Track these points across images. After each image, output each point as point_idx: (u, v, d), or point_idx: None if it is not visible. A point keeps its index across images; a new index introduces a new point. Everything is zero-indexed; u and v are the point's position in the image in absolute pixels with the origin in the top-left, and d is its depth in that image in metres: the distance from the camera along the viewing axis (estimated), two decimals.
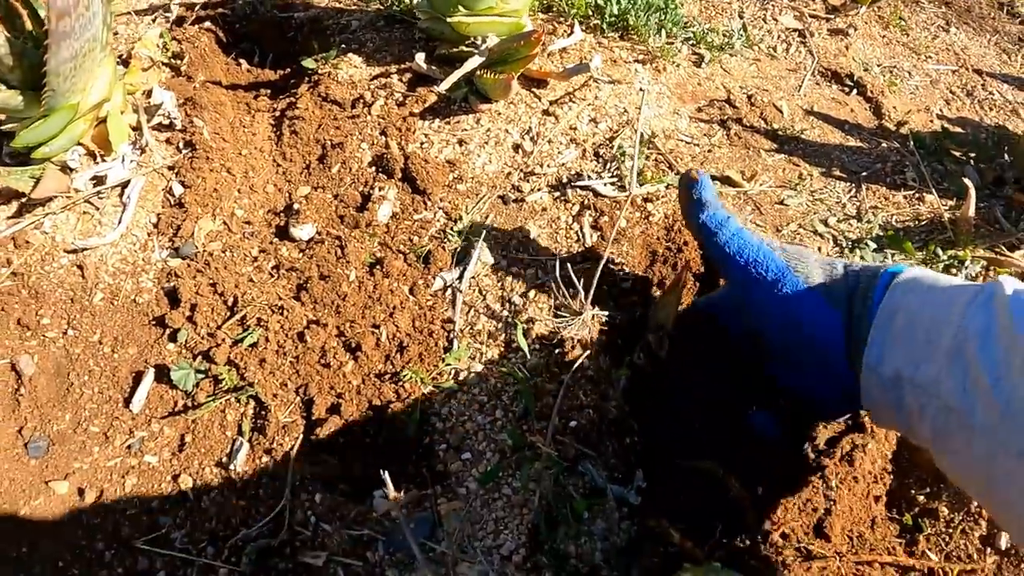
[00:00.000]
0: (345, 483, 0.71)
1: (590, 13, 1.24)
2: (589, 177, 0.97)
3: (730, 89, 1.21)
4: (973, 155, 1.18)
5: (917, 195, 1.09)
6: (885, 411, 0.63)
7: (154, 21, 1.20)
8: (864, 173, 1.11)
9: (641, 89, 1.12)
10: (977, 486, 0.56)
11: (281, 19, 1.24)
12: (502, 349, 0.81)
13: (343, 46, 1.15)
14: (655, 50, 1.20)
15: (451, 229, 0.91)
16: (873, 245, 0.98)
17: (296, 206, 0.92)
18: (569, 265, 0.82)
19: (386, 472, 0.57)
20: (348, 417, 0.72)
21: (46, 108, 0.86)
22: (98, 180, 0.92)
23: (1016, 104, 1.37)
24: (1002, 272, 0.96)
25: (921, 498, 0.77)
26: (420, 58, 1.07)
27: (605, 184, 0.96)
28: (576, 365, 0.78)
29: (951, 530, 0.75)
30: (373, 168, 0.96)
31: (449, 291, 0.85)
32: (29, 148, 0.89)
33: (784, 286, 0.69)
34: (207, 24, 1.20)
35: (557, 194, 0.96)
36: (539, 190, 0.96)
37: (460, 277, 0.86)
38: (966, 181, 1.04)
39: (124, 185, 0.92)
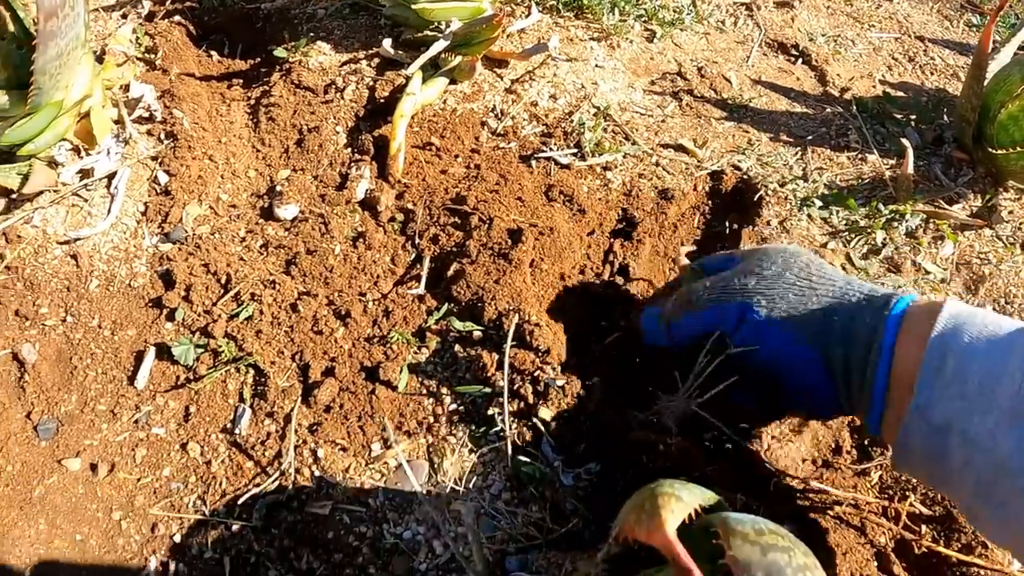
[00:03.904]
0: (344, 438, 0.77)
1: None
2: (551, 149, 1.04)
3: (681, 62, 1.28)
4: (914, 117, 1.24)
5: (860, 156, 1.16)
6: (920, 456, 0.58)
7: (123, 17, 1.23)
8: (809, 137, 1.18)
9: (597, 65, 1.18)
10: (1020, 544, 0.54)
11: (249, 10, 1.28)
12: None
13: (311, 35, 1.19)
14: (609, 28, 1.26)
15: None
16: (819, 203, 1.06)
17: (278, 188, 0.96)
18: None
19: (386, 419, 0.62)
20: (342, 378, 0.78)
21: (31, 106, 0.88)
22: (85, 173, 0.95)
23: (957, 68, 1.42)
24: (941, 224, 1.04)
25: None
26: (387, 44, 1.12)
27: (565, 155, 1.02)
28: None
29: None
30: (349, 149, 1.01)
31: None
32: (15, 146, 0.92)
33: (744, 325, 0.64)
34: (177, 18, 1.23)
35: (523, 166, 1.02)
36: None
37: None
38: (904, 141, 1.11)
39: (111, 177, 0.96)
